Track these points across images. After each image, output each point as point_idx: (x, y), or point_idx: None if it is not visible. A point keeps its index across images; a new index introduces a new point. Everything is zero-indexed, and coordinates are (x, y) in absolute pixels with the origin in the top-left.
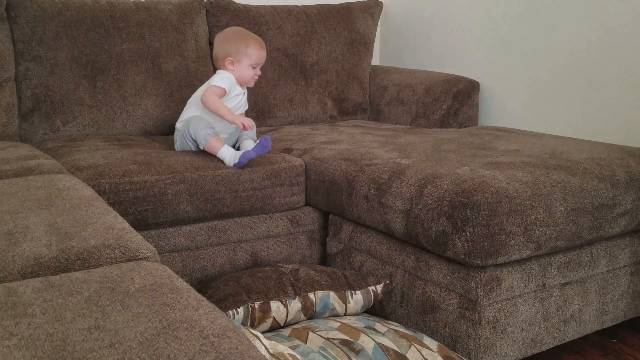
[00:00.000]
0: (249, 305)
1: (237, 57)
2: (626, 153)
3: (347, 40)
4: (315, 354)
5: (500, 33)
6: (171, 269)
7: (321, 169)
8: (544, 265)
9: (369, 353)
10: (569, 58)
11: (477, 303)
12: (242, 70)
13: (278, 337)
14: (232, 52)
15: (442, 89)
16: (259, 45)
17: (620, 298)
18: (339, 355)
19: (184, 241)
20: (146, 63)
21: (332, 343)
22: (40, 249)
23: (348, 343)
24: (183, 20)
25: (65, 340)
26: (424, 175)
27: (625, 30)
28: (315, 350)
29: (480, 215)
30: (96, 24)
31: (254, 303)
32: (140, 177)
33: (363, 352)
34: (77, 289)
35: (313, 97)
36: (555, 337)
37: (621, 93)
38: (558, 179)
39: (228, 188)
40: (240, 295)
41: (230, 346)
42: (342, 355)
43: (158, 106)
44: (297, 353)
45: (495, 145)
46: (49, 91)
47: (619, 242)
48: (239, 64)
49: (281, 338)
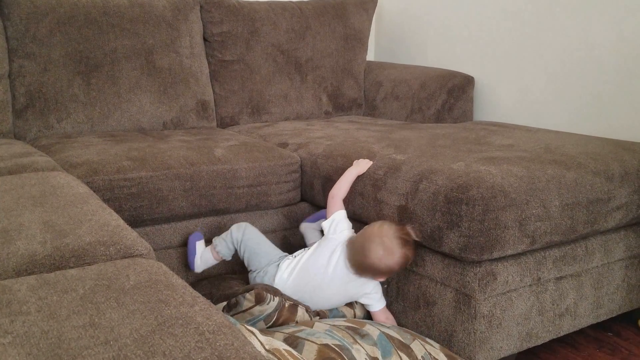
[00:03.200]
0: (283, 300)
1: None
2: (620, 147)
3: (341, 35)
4: (320, 333)
5: (495, 28)
6: (166, 266)
7: (317, 164)
8: (539, 259)
9: (374, 338)
10: (563, 53)
11: (472, 298)
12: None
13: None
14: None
15: (437, 84)
16: None
17: (615, 292)
18: (345, 336)
19: (180, 238)
20: (140, 59)
21: (338, 328)
22: (34, 246)
23: (353, 329)
24: (177, 16)
25: (60, 338)
26: (419, 170)
27: (619, 25)
28: (321, 331)
29: (476, 210)
30: (90, 21)
31: (286, 302)
32: (134, 173)
33: (368, 336)
34: (72, 287)
35: (308, 93)
36: (550, 331)
37: (615, 87)
38: (553, 174)
39: (223, 184)
40: (278, 291)
41: (225, 342)
42: (347, 336)
43: (152, 103)
44: (303, 334)
45: (490, 140)
46: (42, 88)
47: (613, 236)
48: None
49: (287, 326)
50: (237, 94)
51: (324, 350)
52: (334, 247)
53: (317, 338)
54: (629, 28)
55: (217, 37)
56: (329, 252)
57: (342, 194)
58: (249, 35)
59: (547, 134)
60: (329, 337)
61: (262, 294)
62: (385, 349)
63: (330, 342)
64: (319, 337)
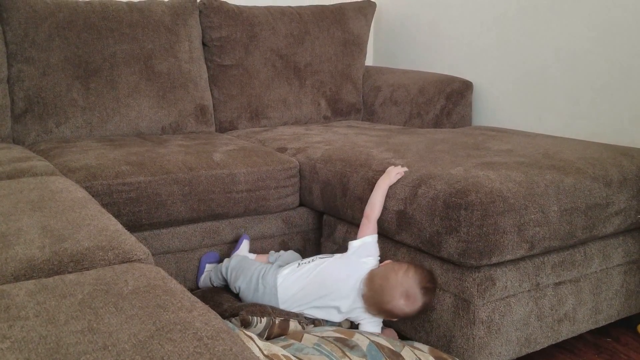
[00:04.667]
0: (272, 318)
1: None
2: (619, 153)
3: (340, 40)
4: (309, 349)
5: (493, 33)
6: (165, 271)
7: (315, 169)
8: (538, 264)
9: (364, 349)
10: (561, 58)
11: (471, 303)
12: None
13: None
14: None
15: (436, 89)
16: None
17: (613, 297)
18: (333, 350)
19: (178, 242)
20: (139, 64)
21: (327, 340)
22: (33, 251)
23: (342, 340)
24: (176, 21)
25: (58, 343)
26: (418, 175)
27: (617, 30)
28: (309, 346)
29: (474, 216)
30: (89, 25)
31: (276, 319)
32: (133, 178)
33: (357, 347)
34: (71, 292)
35: (307, 98)
36: (549, 336)
37: (614, 93)
38: (551, 179)
39: (222, 189)
40: (266, 309)
41: (224, 348)
42: (336, 349)
43: (151, 107)
44: (292, 350)
45: (488, 145)
46: (41, 93)
47: (612, 242)
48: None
49: (276, 339)
50: (235, 99)
51: None
52: (354, 272)
53: (305, 355)
54: (629, 31)
55: (216, 41)
56: (347, 271)
57: (377, 214)
58: (248, 40)
59: (546, 139)
60: (317, 352)
61: (247, 319)
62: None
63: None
64: (307, 354)
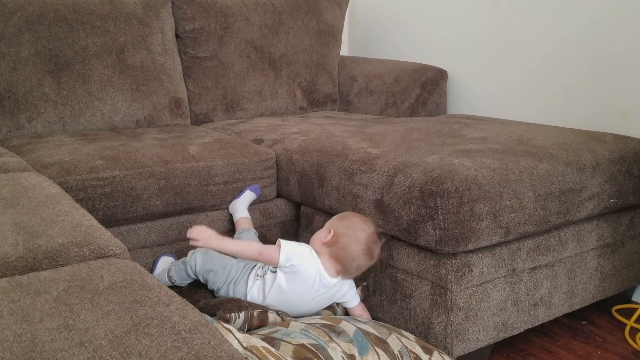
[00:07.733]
0: (250, 311)
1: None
2: (592, 138)
3: (315, 31)
4: (296, 333)
5: (467, 22)
6: (142, 266)
7: (292, 160)
8: (514, 250)
9: (350, 335)
10: (534, 46)
11: (448, 290)
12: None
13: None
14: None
15: (411, 78)
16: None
17: (588, 281)
18: (320, 335)
19: (155, 237)
20: (112, 57)
21: (314, 326)
22: (6, 248)
23: (329, 326)
24: (148, 13)
25: (34, 341)
26: (394, 164)
27: (590, 18)
28: (296, 331)
29: (450, 203)
30: (59, 18)
31: (254, 311)
32: (107, 172)
33: (344, 333)
34: (45, 288)
35: (282, 89)
36: (525, 321)
37: (586, 79)
38: (526, 165)
39: (198, 181)
40: (243, 302)
41: (202, 341)
42: (323, 334)
43: (125, 101)
44: (279, 334)
45: (463, 133)
46: (12, 88)
47: (586, 226)
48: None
49: (263, 327)
50: (210, 91)
51: (300, 351)
52: (309, 274)
53: (292, 338)
54: (599, 20)
55: (189, 33)
56: (304, 281)
57: (250, 254)
58: (222, 31)
59: (520, 126)
60: (305, 336)
61: (225, 317)
62: (361, 346)
63: (306, 342)
64: (294, 337)
